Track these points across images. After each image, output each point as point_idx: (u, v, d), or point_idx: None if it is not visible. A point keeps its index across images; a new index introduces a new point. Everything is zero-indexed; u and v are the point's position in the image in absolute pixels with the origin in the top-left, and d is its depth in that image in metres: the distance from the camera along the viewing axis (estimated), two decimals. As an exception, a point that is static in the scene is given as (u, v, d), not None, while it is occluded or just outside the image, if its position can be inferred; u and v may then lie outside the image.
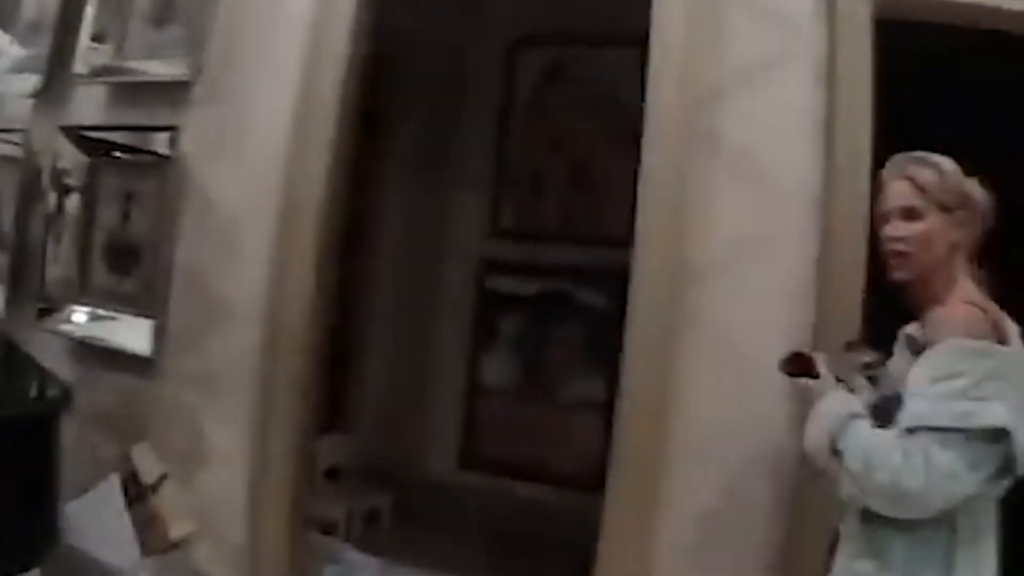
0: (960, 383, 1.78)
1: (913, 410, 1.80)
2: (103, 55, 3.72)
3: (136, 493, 3.18)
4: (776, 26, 2.88)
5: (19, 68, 3.02)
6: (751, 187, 2.85)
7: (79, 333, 3.64)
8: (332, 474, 4.69)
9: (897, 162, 2.06)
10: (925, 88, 3.70)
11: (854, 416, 1.91)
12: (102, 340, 3.58)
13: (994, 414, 1.76)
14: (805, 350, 2.19)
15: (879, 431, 1.86)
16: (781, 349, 2.65)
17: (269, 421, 3.27)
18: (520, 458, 4.93)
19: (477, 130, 5.23)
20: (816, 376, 2.10)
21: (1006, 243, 2.08)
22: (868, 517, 1.92)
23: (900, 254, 2.00)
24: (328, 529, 4.26)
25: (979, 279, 2.00)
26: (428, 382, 5.26)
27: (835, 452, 1.90)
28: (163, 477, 3.25)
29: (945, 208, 1.97)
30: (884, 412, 1.91)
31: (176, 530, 3.16)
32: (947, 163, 2.01)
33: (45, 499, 2.50)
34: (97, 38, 3.73)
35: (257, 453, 3.28)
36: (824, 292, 2.75)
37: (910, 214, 1.99)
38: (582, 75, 4.93)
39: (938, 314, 1.92)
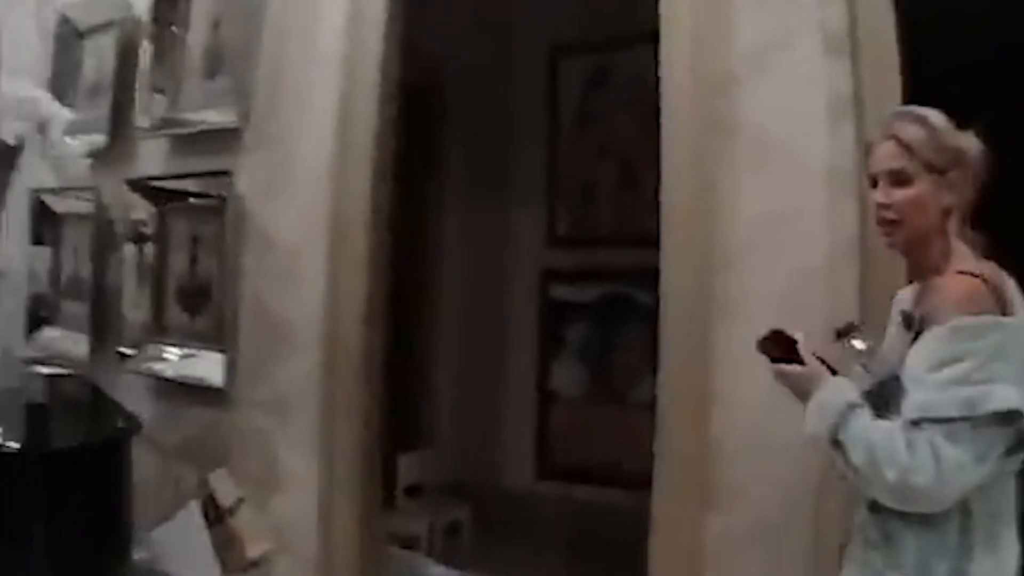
0: (963, 367, 1.70)
1: (916, 400, 1.73)
2: (160, 109, 3.96)
3: (215, 516, 3.38)
4: (784, 4, 2.86)
5: (73, 130, 3.25)
6: (772, 168, 2.83)
7: (158, 371, 3.87)
8: (414, 491, 4.84)
9: (885, 121, 1.95)
10: (950, 53, 3.67)
11: (853, 406, 1.82)
12: (179, 376, 3.80)
13: (1002, 397, 1.68)
14: (785, 330, 2.03)
15: (881, 423, 1.78)
16: (814, 328, 2.73)
17: (333, 442, 3.42)
18: (595, 463, 4.99)
19: (527, 142, 5.38)
20: (798, 361, 1.96)
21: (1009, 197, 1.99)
22: (876, 507, 1.86)
23: (890, 222, 1.89)
24: (410, 544, 4.41)
25: (974, 241, 1.90)
26: (500, 394, 5.39)
27: (836, 444, 1.81)
28: (240, 500, 3.44)
29: (935, 170, 1.85)
30: (881, 397, 1.86)
31: (253, 549, 3.34)
32: (936, 117, 1.89)
33: (117, 521, 2.70)
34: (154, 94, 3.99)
35: (324, 473, 3.43)
36: (865, 269, 2.69)
37: (898, 178, 1.87)
38: (624, 77, 5.03)
39: (934, 290, 1.84)
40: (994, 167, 1.89)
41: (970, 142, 1.88)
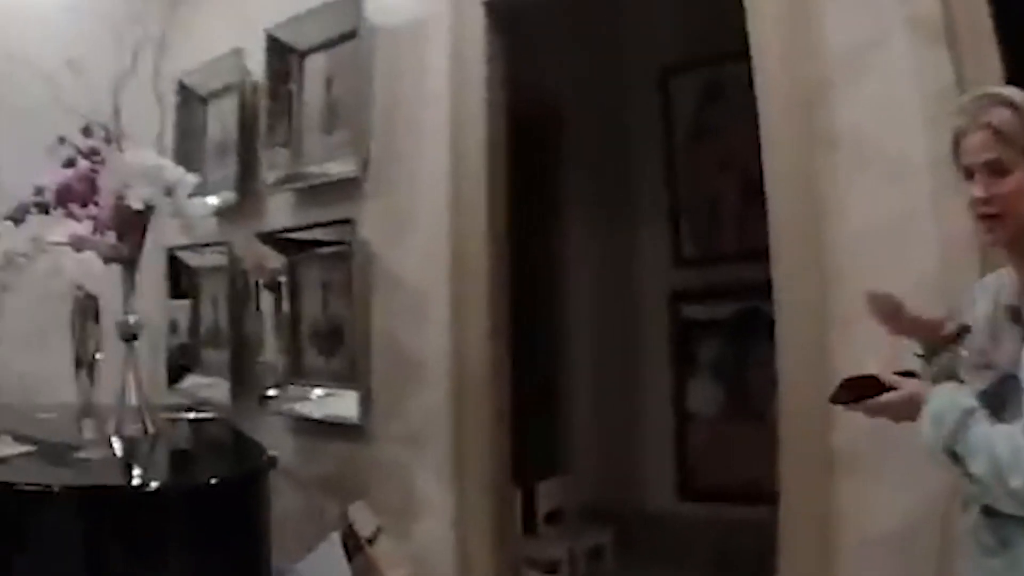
0: None
1: None
2: (284, 165, 4.20)
3: (355, 546, 3.51)
4: (872, 2, 2.81)
5: (203, 191, 3.49)
6: (875, 171, 2.79)
7: (297, 411, 4.07)
8: (554, 516, 4.91)
9: (970, 107, 1.82)
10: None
11: (970, 413, 1.71)
12: (318, 414, 3.99)
13: None
14: (857, 373, 1.94)
15: (1001, 428, 1.68)
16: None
17: (465, 471, 3.54)
18: (735, 481, 4.94)
19: (646, 163, 5.43)
20: (885, 390, 1.87)
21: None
22: (992, 511, 1.76)
23: (991, 216, 1.77)
24: (552, 569, 4.47)
25: None
26: (637, 416, 5.41)
27: (953, 455, 1.70)
28: (378, 530, 3.57)
29: None
30: (998, 397, 1.75)
31: (393, 576, 3.46)
32: (1022, 96, 1.77)
33: (256, 555, 2.85)
34: (277, 151, 4.23)
35: (459, 502, 3.55)
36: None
37: (996, 168, 1.75)
38: (737, 89, 4.99)
39: None
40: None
41: None
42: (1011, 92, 1.79)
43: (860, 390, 1.91)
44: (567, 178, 5.58)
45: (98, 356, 3.73)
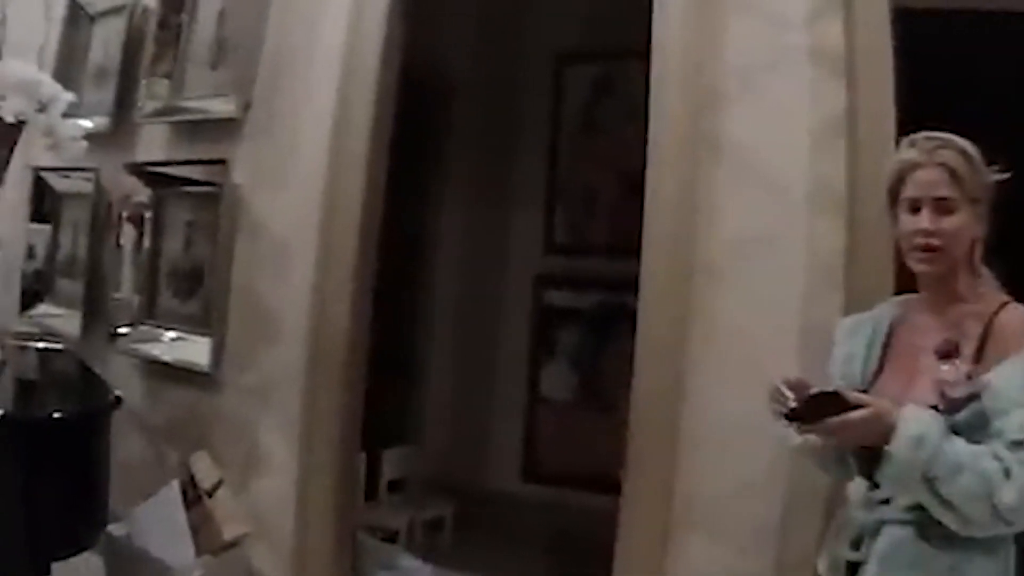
0: None
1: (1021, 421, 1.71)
2: (164, 96, 4.04)
3: (194, 497, 3.43)
4: (773, 25, 2.89)
5: (77, 113, 3.34)
6: (755, 189, 2.88)
7: (147, 352, 3.94)
8: (398, 485, 4.90)
9: (925, 145, 1.91)
10: (945, 80, 3.69)
11: (947, 434, 1.74)
12: (168, 358, 3.87)
13: None
14: (818, 388, 1.84)
15: (976, 447, 1.73)
16: (790, 348, 2.74)
17: (313, 431, 3.48)
18: (581, 469, 5.02)
19: (529, 148, 5.43)
20: (847, 407, 1.78)
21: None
22: (933, 538, 1.80)
23: (931, 248, 1.87)
24: (391, 538, 4.46)
25: (987, 272, 1.94)
26: (490, 395, 5.44)
27: (929, 478, 1.72)
28: (219, 483, 3.49)
29: (973, 200, 1.87)
30: (960, 421, 1.79)
31: (229, 531, 3.38)
32: (973, 149, 1.89)
33: (94, 493, 2.77)
34: (158, 81, 4.06)
35: (303, 461, 3.49)
36: (850, 290, 2.72)
37: (945, 206, 1.85)
38: (629, 87, 5.05)
39: (1010, 320, 1.83)
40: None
41: (994, 176, 1.90)
42: (962, 142, 1.89)
43: (822, 408, 1.81)
44: (451, 151, 5.55)
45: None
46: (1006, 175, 1.90)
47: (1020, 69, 3.71)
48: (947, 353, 1.86)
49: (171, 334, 3.91)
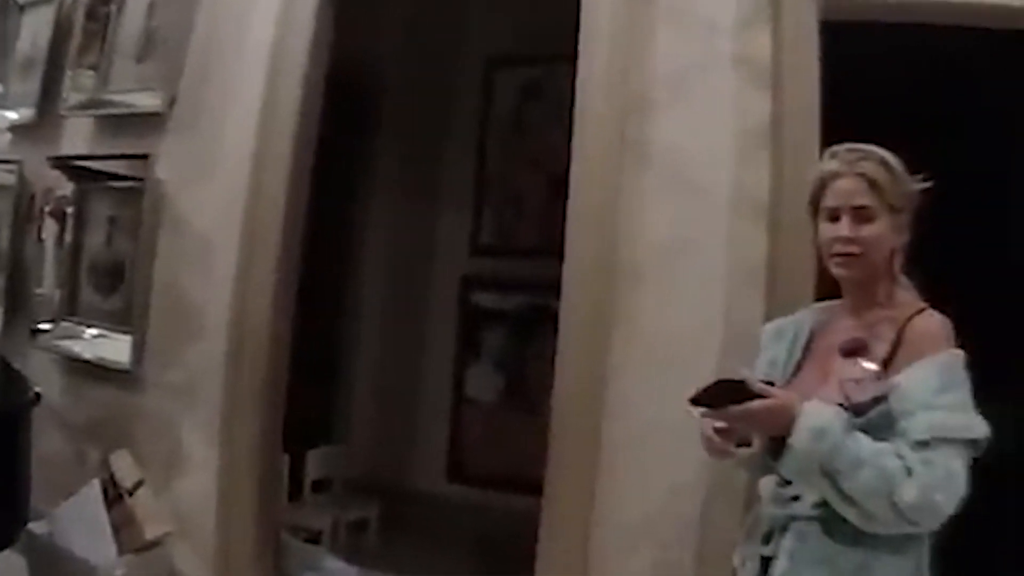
0: (961, 395, 1.79)
1: (929, 421, 1.75)
2: (90, 89, 3.97)
3: (115, 496, 3.38)
4: (701, 33, 2.94)
5: (1, 103, 3.28)
6: (679, 193, 2.92)
7: (69, 350, 3.87)
8: (322, 486, 4.87)
9: (846, 156, 1.96)
10: (868, 91, 3.80)
11: (850, 429, 1.77)
12: (89, 355, 3.81)
13: (981, 423, 1.79)
14: (725, 376, 1.87)
15: (881, 444, 1.76)
16: (712, 352, 2.79)
17: (235, 430, 3.45)
18: (506, 470, 5.04)
19: (458, 149, 5.43)
20: (752, 397, 1.81)
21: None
22: (841, 535, 1.83)
23: (850, 255, 1.92)
24: (315, 538, 4.43)
25: (903, 274, 1.99)
26: (415, 396, 5.43)
27: (829, 471, 1.75)
28: (140, 482, 3.45)
29: (894, 209, 1.91)
30: (868, 420, 1.82)
31: (151, 531, 3.35)
32: (895, 160, 1.94)
33: (13, 492, 2.71)
34: (84, 73, 3.99)
35: (225, 460, 3.46)
36: (772, 295, 2.77)
37: (864, 215, 1.90)
38: (558, 91, 5.09)
39: (921, 325, 1.87)
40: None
41: (916, 186, 1.94)
42: (883, 153, 1.94)
43: (727, 395, 1.82)
44: (379, 151, 5.54)
45: None
46: (927, 185, 1.94)
47: (943, 80, 3.85)
48: (852, 351, 1.93)
49: (92, 331, 3.85)
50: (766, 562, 1.97)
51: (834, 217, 1.94)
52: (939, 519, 1.76)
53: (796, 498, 1.91)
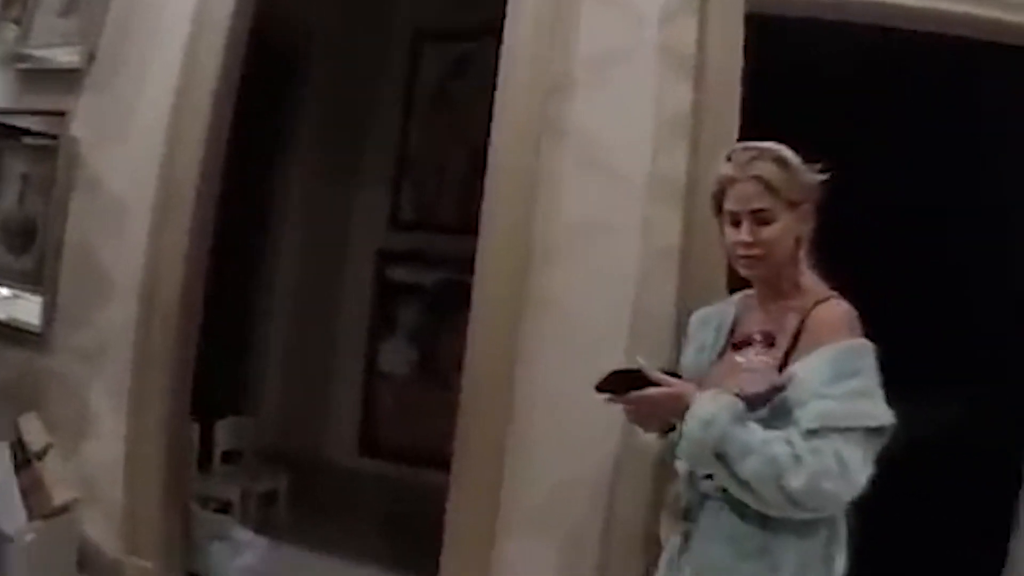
0: (857, 383, 1.81)
1: (819, 411, 1.78)
2: (10, 43, 3.85)
3: (23, 460, 3.31)
4: (627, 19, 2.98)
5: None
6: (596, 175, 2.97)
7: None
8: (232, 456, 4.82)
9: (740, 158, 1.98)
10: (791, 83, 3.88)
11: (741, 417, 1.83)
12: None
13: (883, 412, 1.81)
14: (623, 367, 1.97)
15: (772, 433, 1.81)
16: (622, 333, 2.84)
17: (144, 395, 3.42)
18: (417, 443, 5.05)
19: (381, 122, 5.40)
20: (653, 384, 1.92)
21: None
22: (752, 519, 1.88)
23: (752, 257, 1.96)
24: (223, 509, 4.38)
25: (809, 263, 2.01)
26: (328, 369, 5.42)
27: (719, 457, 1.82)
28: (48, 446, 3.38)
29: (793, 204, 1.93)
30: (755, 407, 1.86)
31: (59, 496, 3.29)
32: (791, 155, 1.96)
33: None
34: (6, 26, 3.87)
35: (133, 426, 3.43)
36: (685, 281, 2.84)
37: (763, 217, 1.93)
38: (484, 67, 5.09)
39: (820, 315, 1.90)
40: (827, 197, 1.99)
41: (815, 176, 1.97)
42: (779, 149, 1.97)
43: (626, 382, 1.93)
44: (300, 121, 5.48)
45: None
46: (827, 175, 1.97)
47: (864, 76, 3.96)
48: (743, 343, 2.01)
49: (4, 291, 3.75)
50: (688, 537, 2.04)
51: (735, 221, 1.97)
52: (833, 506, 1.82)
53: (709, 477, 1.96)
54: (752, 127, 2.55)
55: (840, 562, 1.95)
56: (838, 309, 1.91)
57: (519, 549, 2.98)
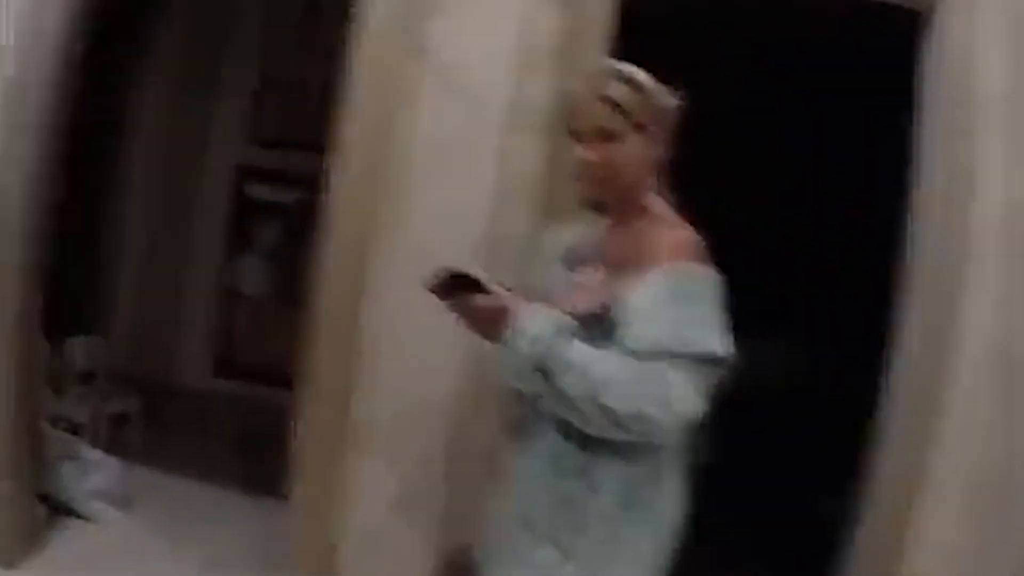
0: (690, 308, 1.77)
1: (646, 334, 1.76)
2: None
3: None
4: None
5: None
6: (456, 98, 2.95)
7: None
8: (84, 377, 4.71)
9: (593, 78, 1.93)
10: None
11: (564, 333, 1.81)
12: None
13: (716, 341, 1.77)
14: (463, 270, 1.89)
15: (600, 352, 1.79)
16: (479, 256, 2.85)
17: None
18: (273, 365, 5.04)
19: (244, 34, 5.28)
20: (484, 292, 1.87)
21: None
22: (574, 438, 1.87)
23: (595, 177, 1.92)
24: (74, 430, 4.30)
25: (664, 193, 1.98)
26: (182, 288, 5.34)
27: (543, 373, 1.79)
28: None
29: (641, 127, 1.88)
30: (592, 328, 1.84)
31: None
32: (643, 77, 1.91)
33: None
34: None
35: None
36: (546, 206, 2.87)
37: (609, 137, 1.88)
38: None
39: (659, 238, 1.87)
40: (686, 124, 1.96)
41: (671, 100, 1.92)
42: (632, 70, 1.92)
43: (459, 286, 1.87)
44: (158, 31, 5.27)
45: None
46: (683, 101, 1.93)
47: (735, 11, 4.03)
48: (583, 263, 2.01)
49: None
50: (518, 454, 2.05)
51: (581, 140, 1.92)
52: (657, 431, 1.78)
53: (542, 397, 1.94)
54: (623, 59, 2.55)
55: (674, 495, 1.97)
56: (683, 235, 1.88)
57: (367, 468, 3.04)
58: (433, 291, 1.90)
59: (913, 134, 3.12)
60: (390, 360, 3.01)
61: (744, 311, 1.96)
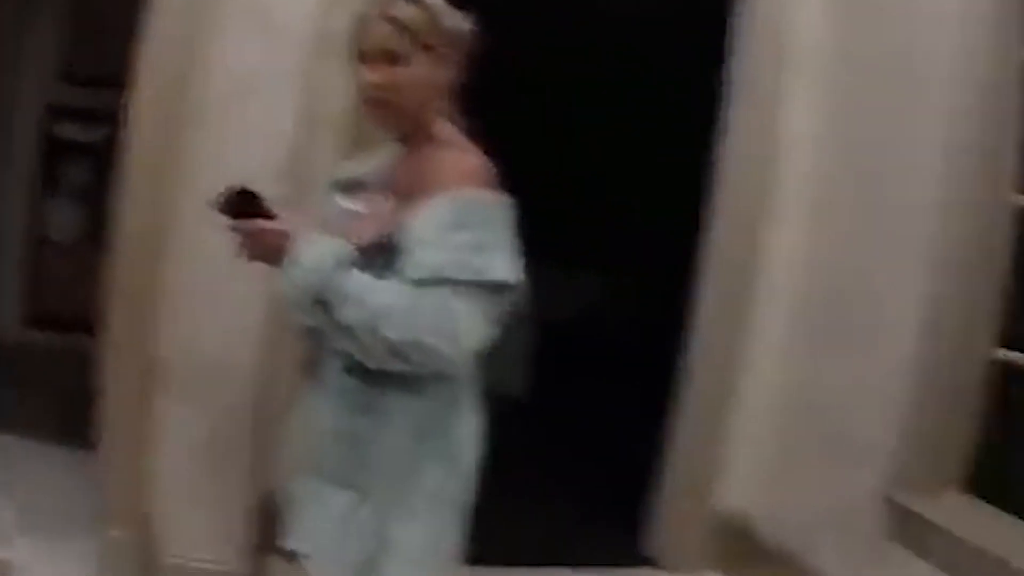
0: (474, 236, 1.73)
1: (427, 262, 1.71)
2: None
3: None
4: None
5: None
6: (257, 28, 2.87)
7: None
8: None
9: (381, 0, 1.88)
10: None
11: (343, 263, 1.75)
12: None
13: (502, 268, 1.74)
14: (247, 186, 1.85)
15: (379, 282, 1.74)
16: (278, 189, 2.77)
17: None
18: (87, 314, 4.83)
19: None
20: (269, 216, 1.84)
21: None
22: (359, 373, 1.83)
23: (379, 100, 1.87)
24: None
25: (454, 116, 1.96)
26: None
27: (322, 304, 1.74)
28: None
29: (429, 48, 1.85)
30: (372, 257, 1.79)
31: None
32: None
33: None
34: None
35: None
36: (350, 137, 2.81)
37: (391, 57, 1.83)
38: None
39: (435, 162, 1.84)
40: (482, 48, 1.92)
41: (463, 22, 1.89)
42: None
43: (245, 207, 1.82)
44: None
45: None
46: (474, 26, 1.91)
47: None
48: (368, 190, 1.96)
49: None
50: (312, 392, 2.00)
51: (366, 61, 1.87)
52: (439, 361, 1.74)
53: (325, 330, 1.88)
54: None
55: (471, 427, 1.95)
56: (470, 160, 1.85)
57: (172, 415, 2.97)
58: (219, 209, 1.82)
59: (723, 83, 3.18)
60: (193, 301, 2.92)
61: (544, 242, 1.96)
